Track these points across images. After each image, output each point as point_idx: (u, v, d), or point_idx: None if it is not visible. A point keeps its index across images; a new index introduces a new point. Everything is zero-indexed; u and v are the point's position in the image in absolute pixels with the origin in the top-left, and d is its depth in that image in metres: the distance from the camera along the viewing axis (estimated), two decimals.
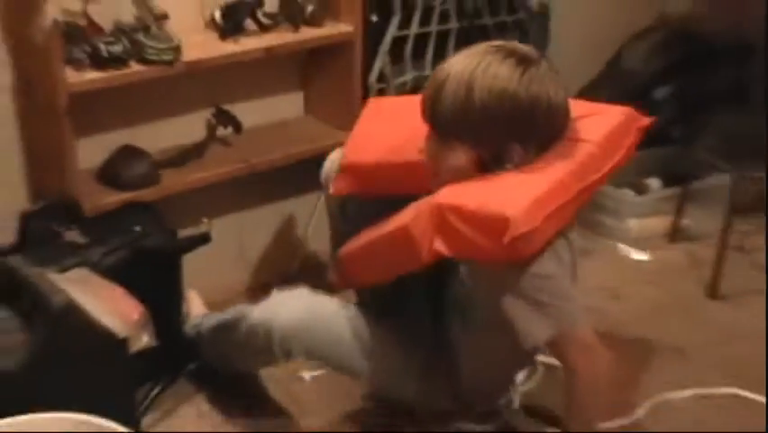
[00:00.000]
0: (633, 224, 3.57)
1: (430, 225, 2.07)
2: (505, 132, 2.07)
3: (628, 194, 3.60)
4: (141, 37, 2.70)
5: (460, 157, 2.12)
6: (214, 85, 3.01)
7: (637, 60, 3.79)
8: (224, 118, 3.06)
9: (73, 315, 2.18)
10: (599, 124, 2.25)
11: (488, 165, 2.12)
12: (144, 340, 2.34)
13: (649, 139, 3.73)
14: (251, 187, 3.12)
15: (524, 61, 2.06)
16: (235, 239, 3.22)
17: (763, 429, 2.58)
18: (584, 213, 3.40)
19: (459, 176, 2.13)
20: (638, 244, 3.56)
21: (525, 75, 2.05)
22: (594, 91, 3.84)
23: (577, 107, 2.23)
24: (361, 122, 2.55)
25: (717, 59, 3.35)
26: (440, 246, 2.06)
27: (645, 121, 2.36)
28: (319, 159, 2.76)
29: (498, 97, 2.03)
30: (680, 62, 3.71)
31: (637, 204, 3.59)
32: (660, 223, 3.61)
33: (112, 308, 2.29)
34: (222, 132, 3.07)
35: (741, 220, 3.43)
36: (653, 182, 3.69)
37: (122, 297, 2.36)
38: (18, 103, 2.76)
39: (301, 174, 3.09)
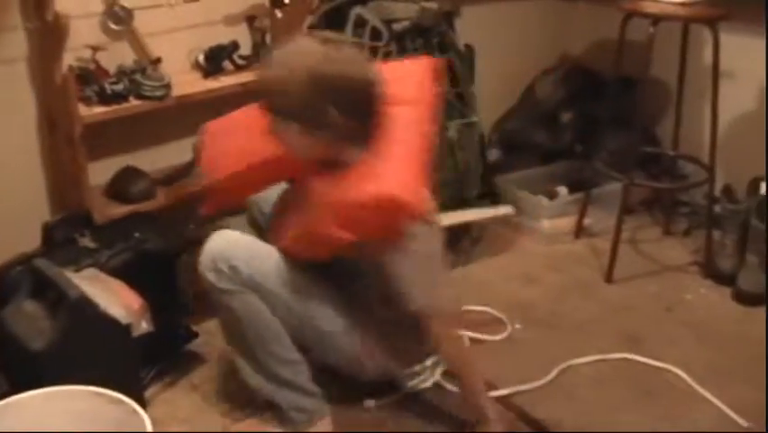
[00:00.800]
0: (546, 223, 3.61)
1: (332, 222, 2.07)
2: (323, 104, 2.02)
3: (543, 199, 3.63)
4: (138, 77, 2.76)
5: (303, 136, 2.08)
6: (200, 115, 3.00)
7: (546, 91, 3.84)
8: None
9: (86, 306, 2.22)
10: (407, 84, 2.23)
11: (325, 137, 2.08)
12: (143, 326, 2.37)
13: (558, 154, 3.86)
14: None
15: (330, 43, 2.06)
16: None
17: None
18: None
19: (314, 153, 2.12)
20: (550, 239, 3.60)
21: (333, 53, 2.03)
22: (512, 116, 3.92)
23: (386, 70, 2.17)
24: (205, 147, 2.46)
25: (606, 90, 3.41)
26: (345, 235, 2.07)
27: (440, 61, 2.43)
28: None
29: (312, 75, 1.99)
30: (579, 92, 3.77)
31: (549, 207, 3.62)
32: (567, 222, 3.65)
33: (117, 300, 2.33)
34: None
35: (631, 218, 3.52)
36: (562, 189, 3.71)
37: (125, 291, 2.39)
38: (41, 133, 2.81)
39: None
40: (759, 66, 3.45)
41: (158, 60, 2.85)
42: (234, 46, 3.00)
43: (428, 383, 2.60)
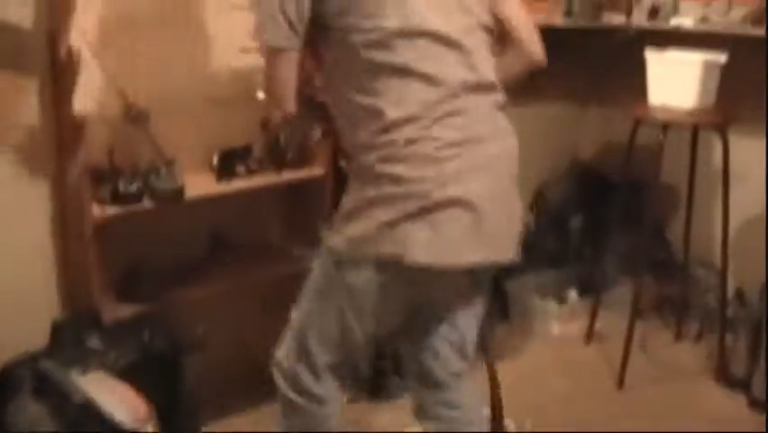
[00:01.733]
0: (556, 327, 3.59)
1: None
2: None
3: (552, 303, 3.62)
4: (152, 178, 2.77)
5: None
6: (211, 216, 3.06)
7: (556, 195, 3.87)
8: (219, 242, 3.12)
9: (90, 410, 2.20)
10: None
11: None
12: (149, 431, 2.35)
13: (568, 257, 3.85)
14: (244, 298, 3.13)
15: None
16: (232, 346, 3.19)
17: None
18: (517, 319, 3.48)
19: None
20: (560, 343, 3.57)
21: None
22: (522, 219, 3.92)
23: None
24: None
25: (616, 193, 3.43)
26: None
27: None
28: (296, 276, 2.80)
29: None
30: (589, 195, 3.80)
31: (559, 311, 3.61)
32: (578, 326, 3.62)
33: (122, 405, 2.31)
34: (215, 250, 3.12)
35: (642, 321, 3.49)
36: (572, 293, 3.71)
37: (131, 395, 2.38)
38: (54, 229, 2.81)
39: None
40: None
41: (172, 162, 2.87)
42: (247, 150, 3.03)
43: None
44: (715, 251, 3.44)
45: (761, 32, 3.17)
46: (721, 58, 3.15)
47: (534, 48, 2.18)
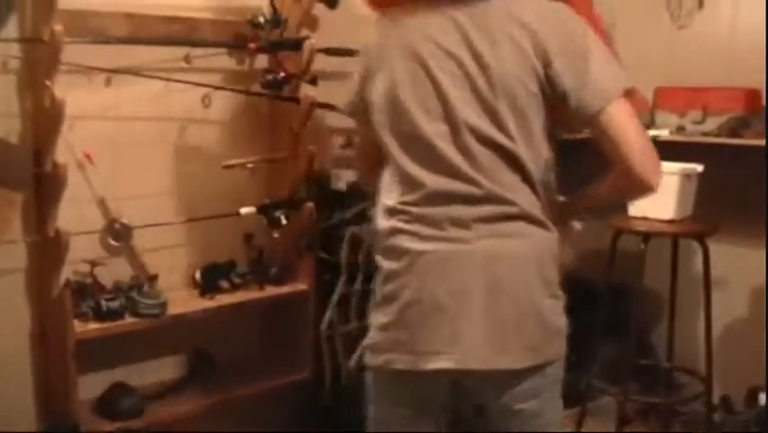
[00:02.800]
0: None
1: None
2: None
3: None
4: (135, 295, 2.78)
5: None
6: (194, 331, 3.04)
7: None
8: (201, 358, 3.10)
9: None
10: None
11: None
12: None
13: None
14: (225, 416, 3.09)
15: None
16: None
17: None
18: None
19: None
20: None
21: None
22: None
23: None
24: None
25: (599, 300, 3.44)
26: None
27: None
28: (278, 393, 2.79)
29: None
30: (571, 302, 3.78)
31: None
32: None
33: None
34: (199, 368, 3.10)
35: (628, 429, 3.45)
36: None
37: None
38: (34, 344, 2.80)
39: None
40: (750, 273, 3.52)
41: (154, 277, 2.89)
42: (231, 265, 3.06)
43: None
44: (699, 357, 3.44)
45: (735, 141, 3.25)
46: (698, 168, 3.22)
47: (648, 174, 1.79)
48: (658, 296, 3.78)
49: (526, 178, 1.84)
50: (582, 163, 2.11)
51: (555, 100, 1.81)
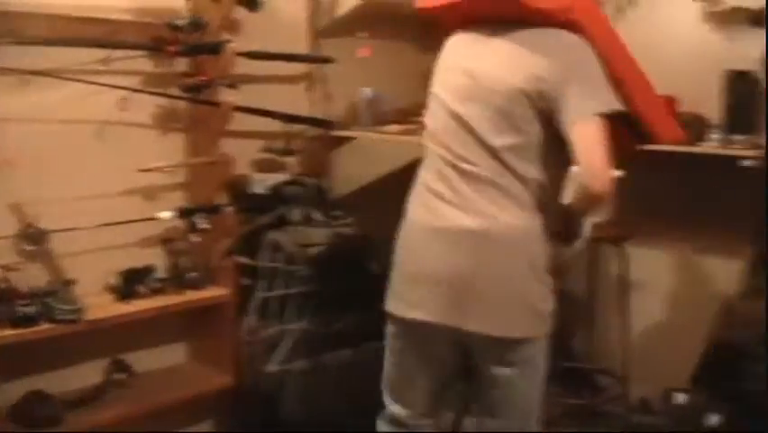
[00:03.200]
0: None
1: None
2: None
3: None
4: (51, 300, 2.73)
5: None
6: (112, 338, 3.00)
7: None
8: (120, 366, 3.06)
9: None
10: None
11: None
12: None
13: None
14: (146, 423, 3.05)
15: None
16: None
17: None
18: None
19: None
20: None
21: None
22: None
23: None
24: None
25: None
26: None
27: None
28: (201, 399, 2.76)
29: None
30: None
31: None
32: None
33: None
34: (117, 376, 3.05)
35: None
36: None
37: None
38: None
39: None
40: (665, 277, 3.60)
41: (71, 282, 2.85)
42: (149, 270, 3.03)
43: None
44: (618, 360, 3.51)
45: (651, 146, 3.32)
46: (616, 172, 3.28)
47: (592, 180, 2.12)
48: (580, 300, 3.86)
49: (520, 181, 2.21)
50: None
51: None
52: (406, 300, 2.36)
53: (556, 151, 2.18)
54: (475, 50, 2.30)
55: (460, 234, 2.22)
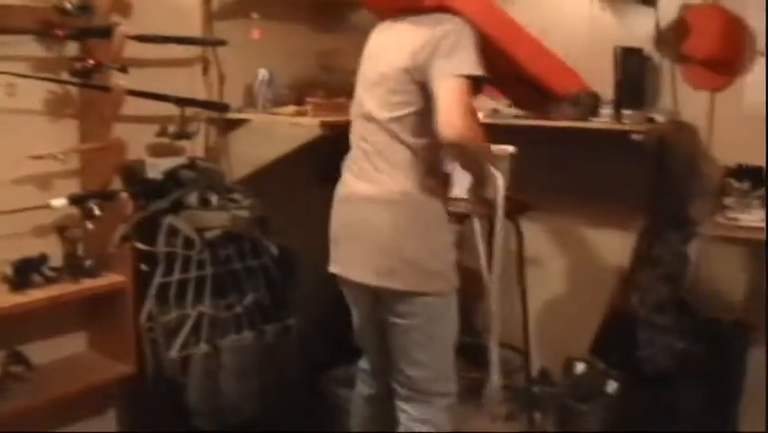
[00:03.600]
0: None
1: None
2: None
3: None
4: None
5: None
6: (7, 329, 2.92)
7: None
8: (16, 358, 2.99)
9: None
10: None
11: None
12: None
13: None
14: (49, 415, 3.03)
15: None
16: None
17: None
18: None
19: None
20: None
21: None
22: None
23: None
24: None
25: None
26: None
27: None
28: (103, 388, 2.71)
29: None
30: None
31: None
32: None
33: None
34: (14, 369, 2.98)
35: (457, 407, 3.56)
36: None
37: None
38: None
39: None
40: (561, 250, 3.69)
41: None
42: (43, 258, 2.96)
43: None
44: (518, 333, 3.58)
45: (545, 123, 3.40)
46: (509, 149, 3.33)
47: (445, 127, 2.34)
48: (477, 275, 3.92)
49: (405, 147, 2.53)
50: None
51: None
52: (332, 259, 2.71)
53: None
54: (380, 40, 2.68)
55: (355, 199, 2.61)
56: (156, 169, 3.24)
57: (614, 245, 3.65)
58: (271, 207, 3.33)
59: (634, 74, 3.52)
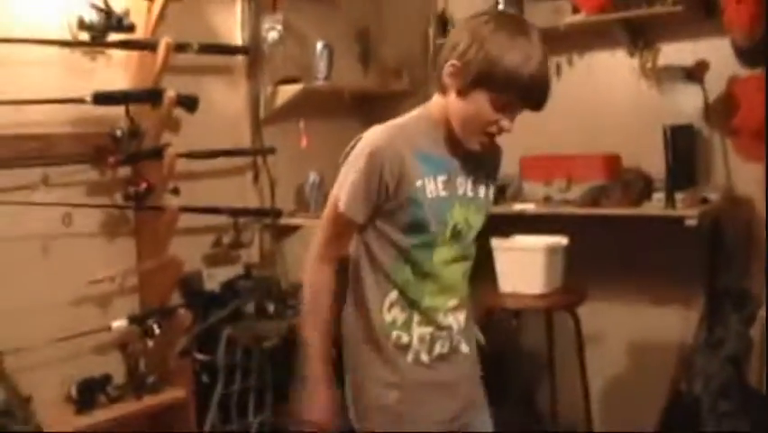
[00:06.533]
0: None
1: None
2: None
3: None
4: (6, 421, 2.67)
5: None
6: None
7: None
8: None
9: None
10: None
11: None
12: None
13: None
14: None
15: None
16: None
17: None
18: None
19: None
20: None
21: None
22: None
23: None
24: None
25: None
26: None
27: None
28: None
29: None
30: None
31: None
32: None
33: None
34: None
35: None
36: None
37: None
38: None
39: None
40: (621, 329, 3.63)
41: (27, 400, 2.79)
42: (107, 379, 2.99)
43: None
44: (581, 417, 3.51)
45: (597, 211, 3.34)
46: (563, 241, 3.27)
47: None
48: (539, 359, 3.86)
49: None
50: None
51: None
52: None
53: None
54: None
55: None
56: (213, 279, 3.27)
57: (674, 324, 3.57)
58: None
59: (684, 151, 3.44)
